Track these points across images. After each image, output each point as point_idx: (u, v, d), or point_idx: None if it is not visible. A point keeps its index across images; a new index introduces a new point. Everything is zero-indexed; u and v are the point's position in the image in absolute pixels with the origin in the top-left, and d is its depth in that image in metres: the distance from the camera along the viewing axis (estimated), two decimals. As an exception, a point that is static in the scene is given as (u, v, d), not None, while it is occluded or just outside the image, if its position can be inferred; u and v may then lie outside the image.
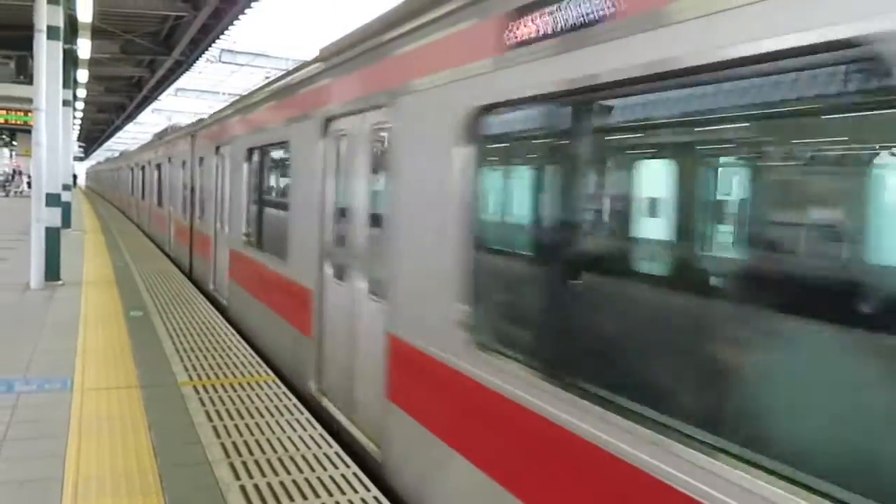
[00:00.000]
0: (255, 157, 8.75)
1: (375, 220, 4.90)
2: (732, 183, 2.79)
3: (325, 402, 5.61)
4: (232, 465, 4.28)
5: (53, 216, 10.91)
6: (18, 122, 21.24)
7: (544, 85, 2.94)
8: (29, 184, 13.45)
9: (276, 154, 8.27)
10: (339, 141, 5.72)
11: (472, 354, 3.38)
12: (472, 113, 3.43)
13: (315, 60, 6.29)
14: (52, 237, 10.74)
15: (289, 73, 7.50)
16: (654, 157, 3.12)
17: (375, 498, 3.95)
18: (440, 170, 3.69)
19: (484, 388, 3.26)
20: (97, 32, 16.83)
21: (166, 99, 36.25)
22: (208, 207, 11.53)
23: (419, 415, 3.95)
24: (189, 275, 12.89)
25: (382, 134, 4.81)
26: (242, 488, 3.99)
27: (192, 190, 13.22)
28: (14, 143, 49.13)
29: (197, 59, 21.79)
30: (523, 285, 3.54)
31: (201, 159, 12.51)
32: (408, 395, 4.12)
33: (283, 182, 8.18)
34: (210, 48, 20.96)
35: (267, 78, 21.14)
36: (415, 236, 4.07)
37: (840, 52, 1.86)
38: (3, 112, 20.64)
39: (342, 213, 5.60)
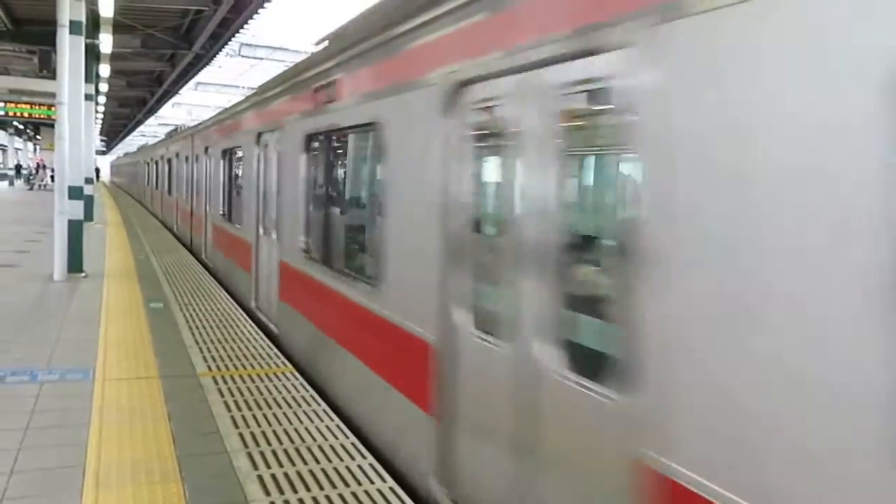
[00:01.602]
0: (320, 145, 6.62)
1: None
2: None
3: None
4: (250, 455, 4.32)
5: (76, 209, 11.06)
6: (42, 117, 21.48)
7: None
8: (52, 177, 13.63)
9: (355, 140, 6.58)
10: (478, 117, 3.71)
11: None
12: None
13: None
14: (75, 229, 10.89)
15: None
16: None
17: (391, 489, 3.97)
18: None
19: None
20: (118, 27, 16.97)
21: (187, 93, 36.53)
22: (244, 208, 9.59)
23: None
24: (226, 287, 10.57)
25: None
26: (260, 478, 4.02)
27: (223, 187, 11.89)
28: (38, 137, 49.89)
29: (217, 53, 21.90)
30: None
31: (228, 151, 11.30)
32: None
33: (361, 176, 6.67)
34: (230, 42, 21.06)
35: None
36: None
37: None
38: (27, 106, 20.89)
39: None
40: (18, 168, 51.85)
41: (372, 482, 4.04)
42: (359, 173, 6.62)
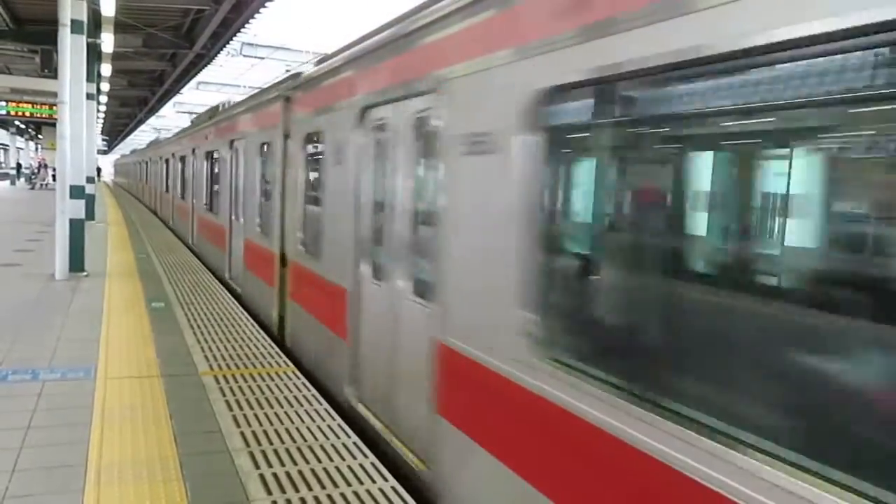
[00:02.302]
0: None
1: None
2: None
3: None
4: (251, 454, 4.32)
5: (77, 208, 11.07)
6: (44, 116, 21.49)
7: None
8: (54, 177, 13.63)
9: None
10: (375, 130, 5.37)
11: None
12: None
13: None
14: (77, 229, 10.90)
15: None
16: None
17: (393, 488, 3.97)
18: None
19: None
20: (120, 26, 16.97)
21: (188, 92, 36.53)
22: (221, 201, 11.27)
23: None
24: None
25: None
26: (262, 477, 4.02)
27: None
28: (40, 136, 49.89)
29: (218, 52, 21.89)
30: None
31: (266, 145, 9.08)
32: None
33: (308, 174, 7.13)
34: (231, 41, 21.06)
35: (288, 71, 21.18)
36: None
37: None
38: (29, 105, 20.90)
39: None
40: (19, 167, 51.86)
41: (373, 481, 4.04)
42: (305, 172, 7.41)
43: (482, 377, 3.52)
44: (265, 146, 8.92)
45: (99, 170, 49.99)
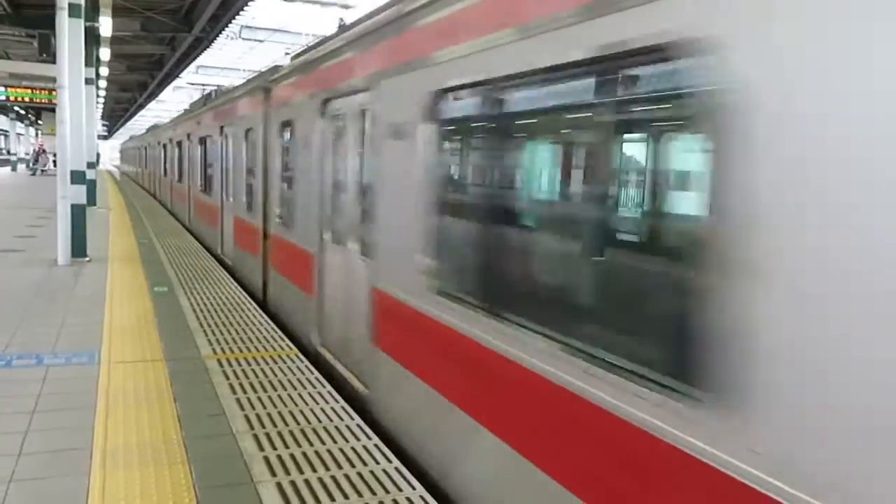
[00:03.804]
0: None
1: None
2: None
3: None
4: (256, 437, 4.34)
5: (78, 193, 11.05)
6: (43, 101, 21.41)
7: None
8: (55, 162, 13.63)
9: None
10: (334, 119, 6.58)
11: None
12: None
13: None
14: (78, 214, 10.89)
15: None
16: None
17: (397, 469, 3.99)
18: None
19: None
20: (118, 10, 16.85)
21: (187, 76, 36.32)
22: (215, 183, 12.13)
23: None
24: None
25: None
26: (266, 459, 4.04)
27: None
28: (40, 122, 49.74)
29: (217, 35, 21.75)
30: None
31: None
32: None
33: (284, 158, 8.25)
34: (230, 24, 20.91)
35: (287, 54, 21.00)
36: None
37: None
38: (28, 91, 20.81)
39: None
40: (8, 152, 51.79)
41: (377, 462, 4.06)
42: (281, 155, 8.39)
43: (401, 312, 4.64)
44: (249, 132, 9.84)
45: (98, 155, 49.74)
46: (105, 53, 21.39)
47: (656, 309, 2.90)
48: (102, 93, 35.44)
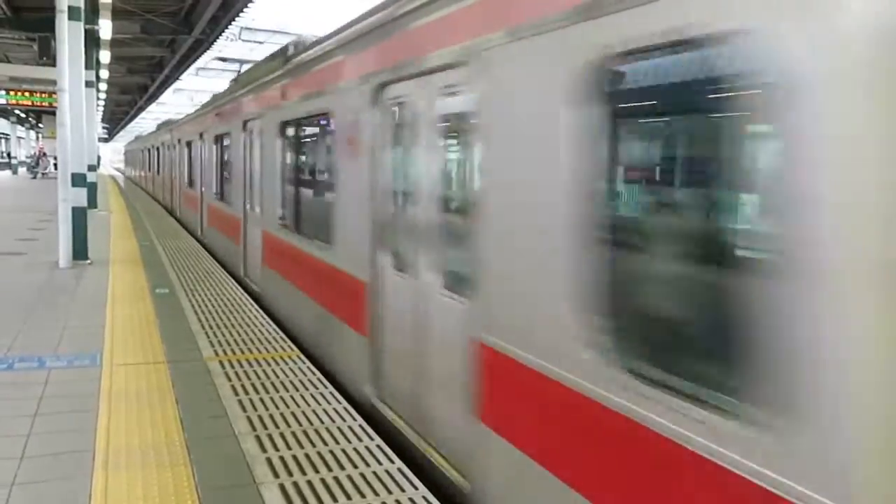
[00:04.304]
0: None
1: None
2: None
3: None
4: (258, 438, 4.34)
5: (79, 196, 11.06)
6: (44, 104, 21.44)
7: None
8: (55, 165, 13.65)
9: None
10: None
11: None
12: None
13: None
14: (79, 217, 10.89)
15: None
16: None
17: (400, 469, 3.98)
18: None
19: None
20: (118, 13, 16.88)
21: (188, 78, 36.33)
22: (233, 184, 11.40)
23: None
24: None
25: None
26: (269, 460, 4.04)
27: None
28: (40, 125, 49.80)
29: (217, 37, 21.76)
30: None
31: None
32: None
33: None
34: (230, 26, 20.92)
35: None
36: None
37: None
38: (28, 94, 20.85)
39: None
40: (9, 155, 51.80)
41: (380, 463, 4.05)
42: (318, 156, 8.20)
43: (329, 272, 5.77)
44: (226, 137, 11.73)
45: (98, 158, 49.67)
46: (105, 56, 21.40)
47: None
48: (103, 95, 35.47)
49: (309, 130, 7.94)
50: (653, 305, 2.85)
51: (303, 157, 8.39)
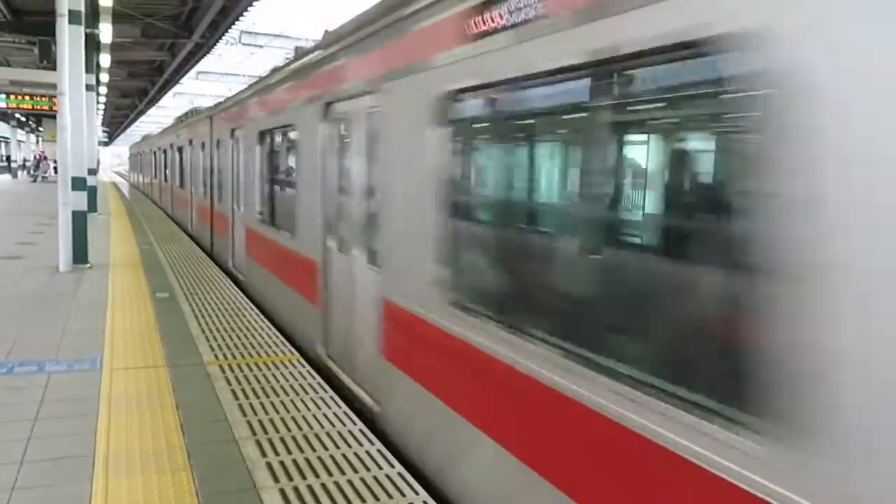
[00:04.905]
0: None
1: None
2: None
3: None
4: (258, 443, 4.33)
5: (80, 200, 11.05)
6: (44, 108, 21.47)
7: None
8: (55, 169, 13.66)
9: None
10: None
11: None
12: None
13: None
14: (80, 220, 10.89)
15: None
16: None
17: (400, 474, 3.98)
18: None
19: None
20: (118, 16, 16.91)
21: (188, 82, 36.41)
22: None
23: None
24: None
25: None
26: (269, 465, 4.03)
27: None
28: (40, 129, 49.83)
29: (217, 41, 21.82)
30: None
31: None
32: None
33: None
34: (230, 30, 20.97)
35: (287, 59, 20.98)
36: None
37: None
38: (29, 98, 20.87)
39: None
40: (8, 159, 51.73)
41: (380, 468, 4.05)
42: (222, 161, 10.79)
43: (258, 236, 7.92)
44: (204, 145, 14.33)
45: (97, 162, 49.49)
46: (105, 60, 21.43)
47: None
48: (103, 99, 35.49)
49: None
50: (472, 262, 4.09)
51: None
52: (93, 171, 19.76)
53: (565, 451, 2.93)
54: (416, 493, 3.77)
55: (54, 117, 12.51)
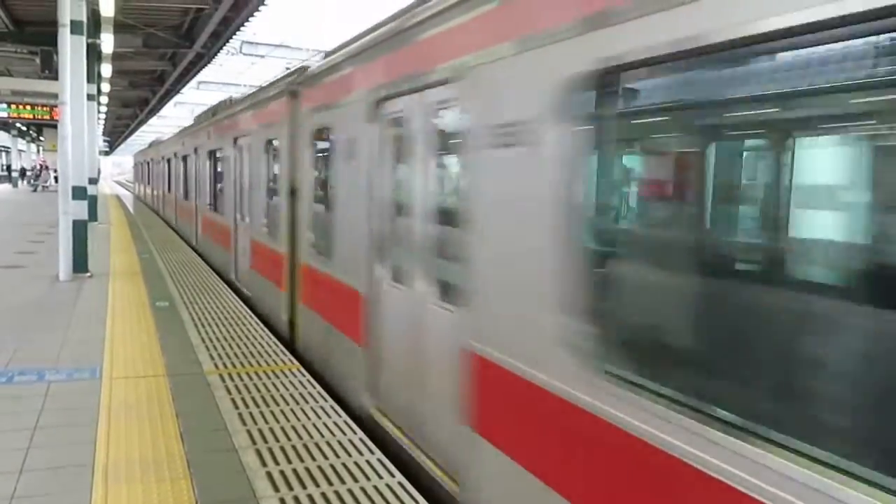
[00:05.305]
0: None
1: None
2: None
3: None
4: (258, 452, 4.32)
5: (80, 209, 11.07)
6: (45, 118, 21.50)
7: None
8: (56, 178, 13.73)
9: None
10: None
11: None
12: None
13: None
14: (80, 230, 10.90)
15: None
16: None
17: (400, 483, 3.97)
18: None
19: None
20: (119, 27, 16.97)
21: (189, 92, 36.52)
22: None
23: None
24: None
25: None
26: (269, 474, 4.02)
27: None
28: (41, 138, 49.93)
29: (218, 51, 21.89)
30: None
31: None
32: None
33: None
34: (231, 40, 21.05)
35: (288, 69, 21.07)
36: None
37: None
38: (30, 107, 20.92)
39: None
40: (9, 168, 51.74)
41: (380, 477, 4.03)
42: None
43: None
44: (197, 151, 14.89)
45: (98, 171, 49.46)
46: (107, 70, 21.51)
47: None
48: (104, 109, 35.59)
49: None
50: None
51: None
52: (93, 181, 19.78)
53: None
54: (416, 503, 3.76)
55: (55, 127, 12.55)
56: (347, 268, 5.68)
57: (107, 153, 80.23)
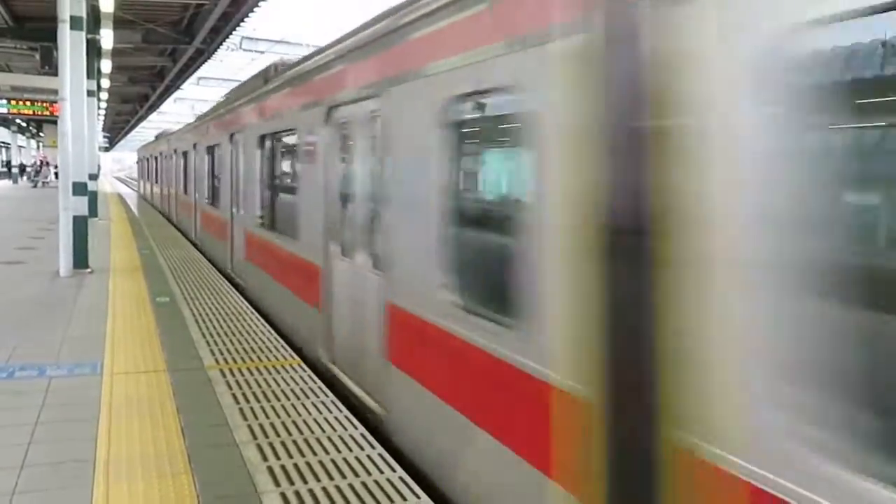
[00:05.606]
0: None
1: None
2: None
3: None
4: (259, 447, 4.33)
5: (80, 205, 11.07)
6: (45, 114, 21.51)
7: None
8: (56, 174, 13.74)
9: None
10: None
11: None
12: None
13: None
14: (80, 225, 10.90)
15: None
16: None
17: (401, 478, 3.97)
18: None
19: None
20: (119, 22, 16.96)
21: (188, 88, 36.49)
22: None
23: None
24: None
25: None
26: (270, 469, 4.02)
27: None
28: (41, 134, 49.94)
29: (218, 47, 21.88)
30: None
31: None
32: None
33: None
34: (230, 36, 21.02)
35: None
36: None
37: None
38: (30, 103, 20.91)
39: None
40: (8, 164, 51.69)
41: (381, 472, 4.04)
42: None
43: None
44: (193, 147, 15.98)
45: (98, 167, 49.38)
46: (106, 65, 21.49)
47: None
48: (104, 104, 35.56)
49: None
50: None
51: None
52: (93, 176, 19.78)
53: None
54: (418, 498, 3.76)
55: (55, 122, 12.58)
56: (309, 247, 6.89)
57: (107, 149, 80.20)
